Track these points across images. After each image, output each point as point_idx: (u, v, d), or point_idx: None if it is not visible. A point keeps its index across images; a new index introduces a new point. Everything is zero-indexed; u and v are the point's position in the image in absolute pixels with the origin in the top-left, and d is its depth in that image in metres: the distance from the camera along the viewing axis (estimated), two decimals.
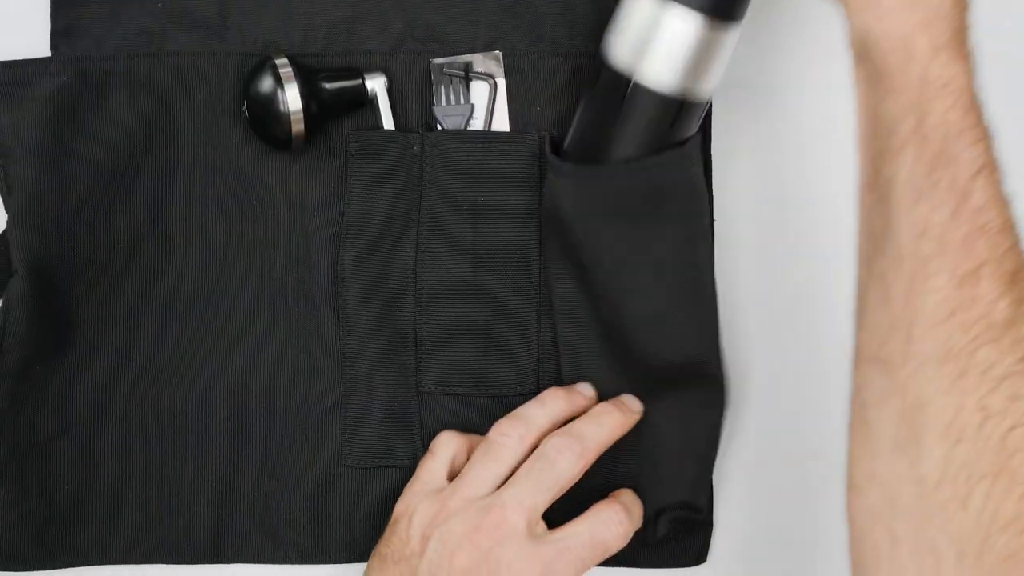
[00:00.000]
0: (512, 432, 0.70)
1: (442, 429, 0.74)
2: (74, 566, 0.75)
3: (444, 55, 0.74)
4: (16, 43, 0.73)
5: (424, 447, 0.74)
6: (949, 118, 0.56)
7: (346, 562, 0.75)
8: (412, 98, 0.74)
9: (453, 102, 0.75)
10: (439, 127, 0.74)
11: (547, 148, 0.72)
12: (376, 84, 0.73)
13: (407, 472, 0.74)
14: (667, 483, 0.72)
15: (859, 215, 0.60)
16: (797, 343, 0.77)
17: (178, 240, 0.74)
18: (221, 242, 0.74)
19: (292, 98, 0.70)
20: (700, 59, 0.64)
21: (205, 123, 0.74)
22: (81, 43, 0.73)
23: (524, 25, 0.75)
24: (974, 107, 0.57)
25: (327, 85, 0.72)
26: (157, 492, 0.74)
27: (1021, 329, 0.55)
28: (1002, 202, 0.56)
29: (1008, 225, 0.56)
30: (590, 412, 0.71)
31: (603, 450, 0.70)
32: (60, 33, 0.73)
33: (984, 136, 0.57)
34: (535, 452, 0.69)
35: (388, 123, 0.74)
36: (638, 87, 0.65)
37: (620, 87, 0.66)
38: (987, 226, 0.56)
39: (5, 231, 0.73)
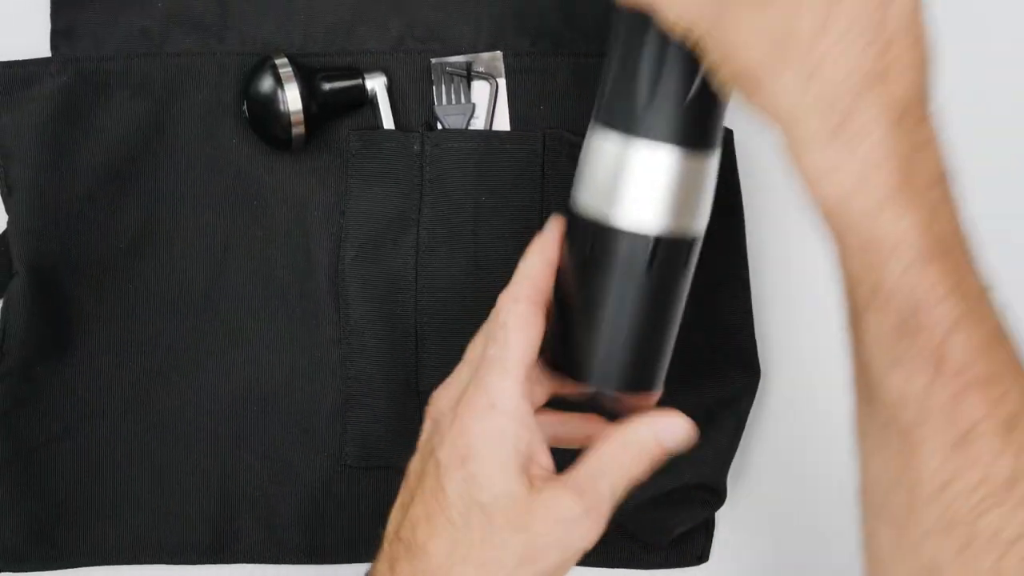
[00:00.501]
0: None
1: None
2: (75, 567, 0.75)
3: (445, 55, 0.74)
4: (16, 43, 0.73)
5: None
6: (906, 281, 0.50)
7: (346, 562, 0.75)
8: (412, 98, 0.74)
9: (454, 101, 0.75)
10: (439, 126, 0.74)
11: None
12: (376, 84, 0.73)
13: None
14: (693, 462, 0.72)
15: (848, 346, 0.55)
16: (807, 346, 0.77)
17: (179, 240, 0.74)
18: (222, 242, 0.74)
19: (292, 98, 0.70)
20: (675, 194, 0.56)
21: (205, 123, 0.74)
22: (81, 43, 0.73)
23: (525, 25, 0.75)
24: (937, 256, 0.50)
25: (327, 85, 0.72)
26: (158, 492, 0.74)
27: None
28: (987, 347, 0.50)
29: (997, 371, 0.50)
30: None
31: None
32: (60, 33, 0.73)
33: (956, 285, 0.50)
34: None
35: (388, 123, 0.74)
36: (612, 231, 0.57)
37: (593, 236, 0.58)
38: (970, 384, 0.50)
39: (5, 232, 0.73)
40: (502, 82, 0.75)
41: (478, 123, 0.75)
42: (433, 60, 0.74)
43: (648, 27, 0.56)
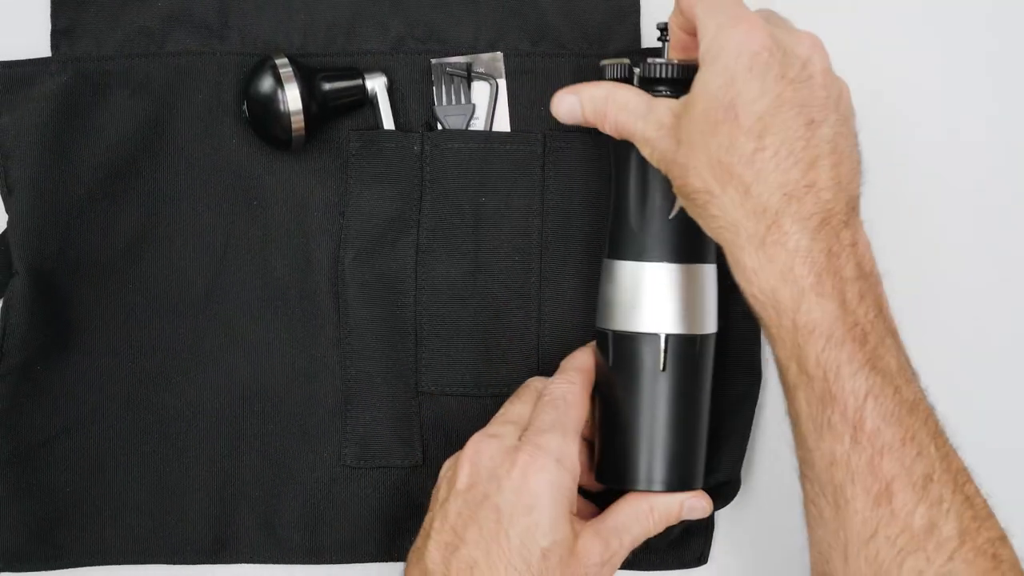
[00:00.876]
0: None
1: (441, 429, 0.74)
2: (75, 566, 0.75)
3: (445, 55, 0.74)
4: (16, 43, 0.73)
5: (424, 447, 0.74)
6: (824, 358, 0.59)
7: (346, 562, 0.75)
8: (412, 98, 0.74)
9: (454, 102, 0.74)
10: (439, 127, 0.74)
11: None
12: (376, 84, 0.73)
13: (407, 472, 0.74)
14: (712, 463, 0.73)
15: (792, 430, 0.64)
16: None
17: (179, 240, 0.74)
18: (221, 242, 0.74)
19: (292, 98, 0.70)
20: (676, 301, 0.67)
21: (205, 123, 0.74)
22: (81, 43, 0.73)
23: (526, 25, 0.74)
24: (850, 336, 0.59)
25: (327, 85, 0.72)
26: (158, 492, 0.74)
27: (943, 530, 0.58)
28: (899, 415, 0.59)
29: (911, 434, 0.59)
30: None
31: None
32: (61, 33, 0.73)
33: (867, 360, 0.59)
34: None
35: (388, 123, 0.74)
36: (626, 337, 0.68)
37: (613, 345, 0.68)
38: (886, 445, 0.58)
39: (5, 232, 0.73)
40: (502, 83, 0.75)
41: (478, 124, 0.75)
42: (433, 60, 0.74)
43: (630, 157, 0.67)
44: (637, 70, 0.67)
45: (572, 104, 0.67)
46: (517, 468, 0.64)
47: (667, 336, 0.67)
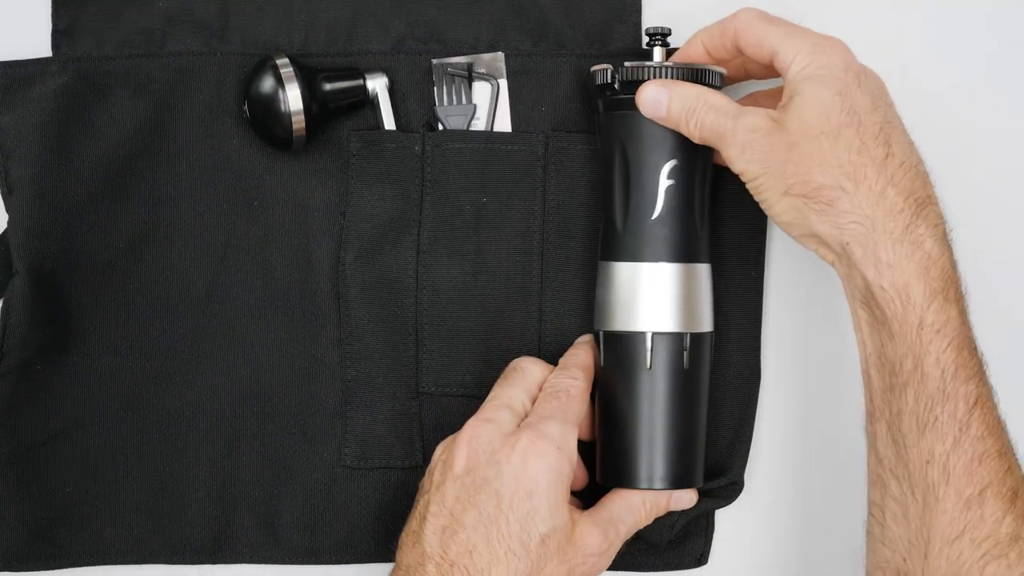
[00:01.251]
0: None
1: (442, 430, 0.74)
2: (75, 566, 0.75)
3: (446, 55, 0.74)
4: (17, 43, 0.73)
5: (424, 448, 0.74)
6: (944, 359, 0.62)
7: (346, 562, 0.75)
8: (413, 98, 0.74)
9: (455, 102, 0.74)
10: (440, 127, 0.74)
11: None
12: (377, 84, 0.73)
13: (407, 473, 0.74)
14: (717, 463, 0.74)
15: (867, 443, 0.66)
16: (805, 345, 0.77)
17: (179, 240, 0.74)
18: (222, 242, 0.74)
19: (293, 98, 0.70)
20: (663, 300, 0.68)
21: (206, 123, 0.74)
22: (82, 43, 0.73)
23: (526, 26, 0.74)
24: (967, 345, 0.62)
25: (328, 85, 0.72)
26: (158, 492, 0.74)
27: None
28: (999, 428, 0.62)
29: (1006, 449, 0.62)
30: None
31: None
32: (61, 33, 0.73)
33: (978, 370, 0.63)
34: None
35: (389, 123, 0.74)
36: (614, 335, 0.69)
37: (603, 344, 0.70)
38: (987, 453, 0.61)
39: (6, 232, 0.73)
40: (503, 83, 0.75)
41: (479, 124, 0.75)
42: (434, 61, 0.74)
43: (615, 160, 0.68)
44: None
45: (659, 96, 0.67)
46: (517, 453, 0.65)
47: (653, 335, 0.68)
